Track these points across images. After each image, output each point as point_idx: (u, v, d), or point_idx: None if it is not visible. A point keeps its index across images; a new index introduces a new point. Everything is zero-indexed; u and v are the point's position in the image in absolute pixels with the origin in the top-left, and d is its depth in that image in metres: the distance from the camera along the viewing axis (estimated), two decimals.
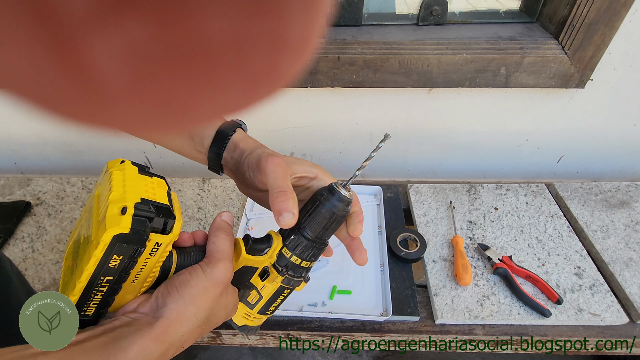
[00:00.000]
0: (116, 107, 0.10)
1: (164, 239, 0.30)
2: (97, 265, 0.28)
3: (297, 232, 0.36)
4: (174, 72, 0.10)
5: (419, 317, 0.57)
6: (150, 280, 0.32)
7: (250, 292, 0.39)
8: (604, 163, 0.89)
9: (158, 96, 0.10)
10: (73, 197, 0.79)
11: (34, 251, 0.68)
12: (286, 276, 0.37)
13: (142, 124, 0.12)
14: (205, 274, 0.32)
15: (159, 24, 0.08)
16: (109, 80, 0.09)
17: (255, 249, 0.37)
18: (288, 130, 0.84)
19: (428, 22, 0.74)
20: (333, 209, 0.35)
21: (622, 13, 0.63)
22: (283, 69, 0.12)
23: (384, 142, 0.36)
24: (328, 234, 0.37)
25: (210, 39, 0.09)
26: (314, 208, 0.36)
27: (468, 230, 0.69)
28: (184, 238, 0.35)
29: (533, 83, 0.71)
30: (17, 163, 0.96)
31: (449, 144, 0.86)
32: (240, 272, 0.37)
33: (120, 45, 0.08)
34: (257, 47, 0.10)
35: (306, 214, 0.36)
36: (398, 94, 0.78)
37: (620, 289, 0.60)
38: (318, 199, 0.36)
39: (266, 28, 0.10)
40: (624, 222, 0.70)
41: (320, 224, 0.35)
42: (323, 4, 0.11)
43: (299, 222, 0.37)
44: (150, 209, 0.29)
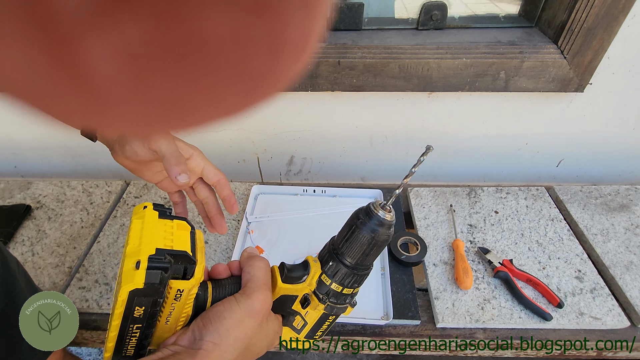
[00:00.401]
0: (114, 108, 0.10)
1: (186, 285, 0.30)
2: (122, 318, 0.28)
3: (335, 258, 0.34)
4: (172, 73, 0.10)
5: (419, 321, 0.57)
6: (184, 318, 0.32)
7: (295, 318, 0.37)
8: (603, 167, 0.89)
9: (156, 97, 0.10)
10: (73, 200, 0.78)
11: (34, 255, 0.67)
12: (328, 304, 0.35)
13: (139, 125, 0.12)
14: (240, 305, 0.32)
15: (156, 24, 0.08)
16: (106, 81, 0.09)
17: (292, 278, 0.35)
18: (288, 134, 0.85)
19: (428, 27, 0.75)
20: (373, 234, 0.32)
21: (621, 18, 0.63)
22: (282, 70, 0.12)
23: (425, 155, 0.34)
24: (370, 259, 0.34)
25: (209, 39, 0.09)
26: (352, 232, 0.33)
27: (468, 234, 0.69)
28: (219, 270, 0.35)
29: (532, 87, 0.72)
30: (17, 166, 0.96)
31: (449, 148, 0.86)
32: (280, 300, 0.36)
33: (118, 46, 0.08)
34: (256, 49, 0.10)
35: (343, 239, 0.33)
36: (398, 98, 0.78)
37: (621, 293, 0.60)
38: (355, 223, 0.33)
39: (265, 29, 0.10)
40: (624, 225, 0.70)
41: (360, 250, 0.33)
42: (322, 5, 0.11)
43: (336, 247, 0.34)
44: (166, 258, 0.29)
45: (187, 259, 0.30)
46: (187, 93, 0.10)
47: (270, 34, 0.10)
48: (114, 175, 0.94)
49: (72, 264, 0.66)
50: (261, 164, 0.92)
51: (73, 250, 0.68)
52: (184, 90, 0.10)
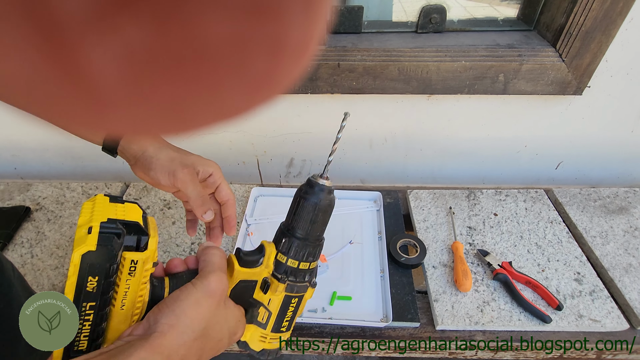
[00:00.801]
0: (115, 111, 0.10)
1: (140, 256, 0.30)
2: (75, 291, 0.28)
3: (287, 234, 0.36)
4: (172, 76, 0.10)
5: (419, 323, 0.57)
6: (140, 306, 0.32)
7: (259, 311, 0.38)
8: (602, 169, 0.89)
9: (156, 101, 0.10)
10: (73, 202, 0.78)
11: (33, 257, 0.67)
12: (288, 283, 0.36)
13: (140, 128, 0.12)
14: (196, 287, 0.32)
15: (156, 28, 0.08)
16: (106, 85, 0.09)
17: (249, 261, 0.36)
18: (288, 136, 0.85)
19: (427, 30, 0.75)
20: (316, 200, 0.34)
21: (618, 21, 0.63)
22: (282, 73, 0.12)
23: (345, 120, 0.36)
24: (318, 227, 0.36)
25: (209, 42, 0.09)
26: (297, 205, 0.35)
27: (468, 236, 0.70)
28: (175, 264, 0.35)
29: (531, 90, 0.72)
30: (17, 168, 0.96)
31: (448, 150, 0.87)
32: (240, 288, 0.36)
33: (118, 49, 0.08)
34: (256, 52, 0.10)
35: (292, 214, 0.36)
36: (397, 101, 0.78)
37: (620, 295, 0.60)
38: (299, 195, 0.36)
39: (265, 32, 0.10)
40: (623, 227, 0.70)
41: (307, 219, 0.35)
42: (323, 8, 0.11)
43: (287, 224, 0.36)
44: (118, 226, 0.29)
45: (139, 230, 0.30)
46: (187, 96, 0.10)
47: (270, 37, 0.10)
48: (113, 177, 0.94)
49: None
50: (261, 166, 0.92)
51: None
52: (184, 93, 0.10)
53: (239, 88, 0.11)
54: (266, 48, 0.10)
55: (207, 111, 0.12)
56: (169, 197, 0.79)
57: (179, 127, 0.12)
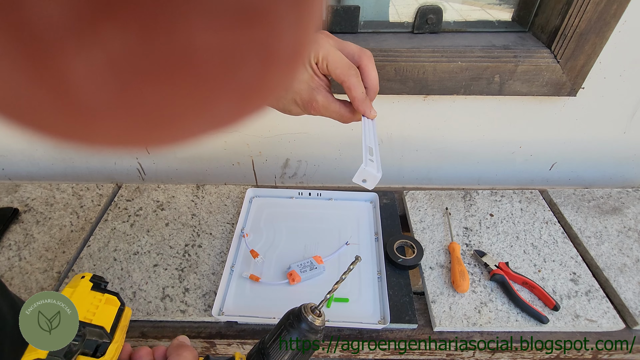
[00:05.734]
0: (98, 123, 0.10)
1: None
2: None
3: (261, 357, 0.33)
4: (158, 85, 0.09)
5: (417, 325, 0.57)
6: None
7: None
8: (595, 170, 0.90)
9: (142, 111, 0.10)
10: (63, 203, 0.77)
11: (21, 259, 0.65)
12: None
13: (125, 140, 0.11)
14: None
15: (139, 35, 0.08)
16: (88, 95, 0.09)
17: None
18: (284, 137, 0.84)
19: (423, 30, 0.75)
20: (302, 338, 0.32)
21: (612, 23, 0.64)
22: (273, 81, 0.11)
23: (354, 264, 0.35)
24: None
25: (196, 51, 0.09)
26: (280, 334, 0.33)
27: (464, 237, 0.69)
28: (141, 354, 0.33)
29: (526, 91, 0.73)
30: (4, 169, 0.93)
31: (444, 151, 0.87)
32: None
33: (99, 58, 0.08)
34: (245, 60, 0.10)
35: (272, 340, 0.33)
36: (394, 101, 0.78)
37: (615, 295, 0.60)
38: (284, 324, 0.33)
39: (255, 40, 0.09)
40: (617, 228, 0.71)
41: (285, 354, 0.33)
42: (315, 15, 0.10)
43: (263, 346, 0.34)
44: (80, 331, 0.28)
45: (102, 335, 0.30)
46: (174, 106, 0.10)
47: (260, 45, 0.09)
48: (105, 178, 0.92)
49: (60, 269, 0.64)
50: (256, 166, 0.91)
51: (62, 255, 0.66)
52: (171, 103, 0.10)
53: (228, 97, 0.11)
54: (256, 56, 0.10)
55: (196, 122, 0.11)
56: (162, 199, 0.77)
57: (167, 137, 0.12)
